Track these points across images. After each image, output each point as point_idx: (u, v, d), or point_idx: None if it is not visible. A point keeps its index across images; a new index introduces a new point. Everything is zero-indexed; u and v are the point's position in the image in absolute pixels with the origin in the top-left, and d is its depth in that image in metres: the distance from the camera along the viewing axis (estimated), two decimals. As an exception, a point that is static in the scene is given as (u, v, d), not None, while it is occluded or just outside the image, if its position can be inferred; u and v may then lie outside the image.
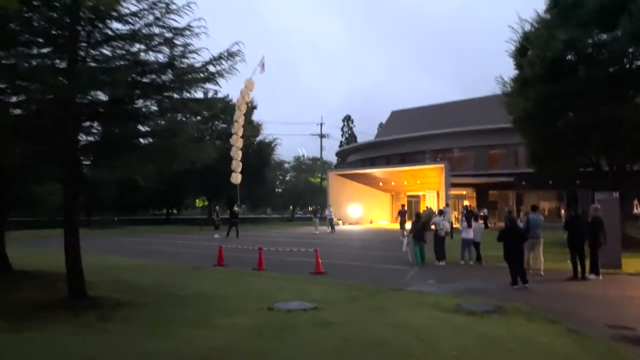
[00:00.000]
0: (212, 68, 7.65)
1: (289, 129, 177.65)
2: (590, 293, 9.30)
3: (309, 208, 56.55)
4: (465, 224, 13.90)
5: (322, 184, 53.61)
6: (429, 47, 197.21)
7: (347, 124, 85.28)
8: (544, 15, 18.10)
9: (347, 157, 58.70)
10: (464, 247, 13.64)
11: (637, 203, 17.38)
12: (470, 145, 39.57)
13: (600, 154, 18.33)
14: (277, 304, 7.95)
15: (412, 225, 14.31)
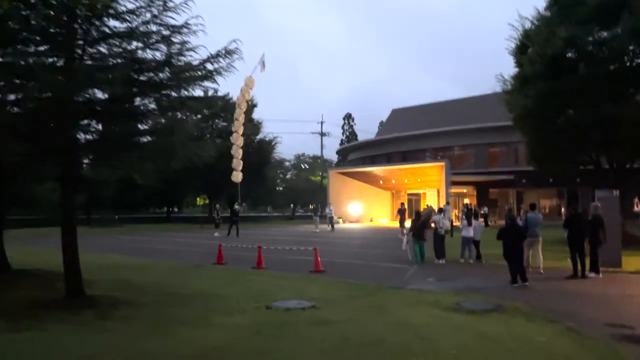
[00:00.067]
0: (209, 66, 7.62)
1: (289, 127, 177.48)
2: (590, 291, 9.28)
3: (310, 206, 56.53)
4: (466, 222, 13.90)
5: (322, 182, 53.61)
6: (429, 47, 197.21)
7: (347, 122, 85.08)
8: (544, 13, 18.07)
9: (347, 155, 58.64)
10: (464, 245, 13.63)
11: (637, 201, 17.29)
12: (471, 143, 39.53)
13: (601, 152, 18.29)
14: (275, 303, 7.94)
15: (411, 224, 14.30)
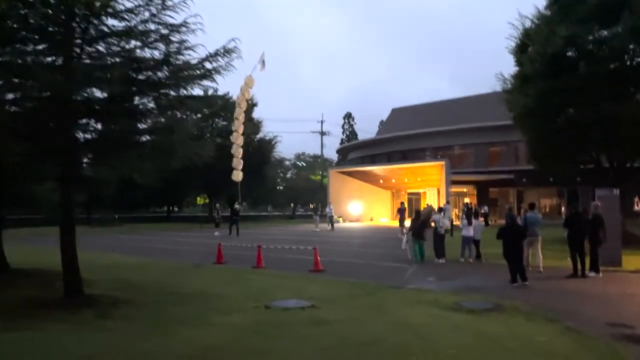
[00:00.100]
0: (208, 65, 7.59)
1: (289, 127, 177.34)
2: (590, 291, 9.26)
3: (310, 205, 56.51)
4: (466, 222, 13.88)
5: (322, 182, 53.59)
6: (429, 47, 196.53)
7: (347, 122, 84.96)
8: (544, 12, 18.05)
9: (347, 154, 58.58)
10: (464, 244, 13.62)
11: (637, 200, 17.31)
12: (471, 143, 39.49)
13: (601, 151, 18.26)
14: (274, 302, 7.93)
15: (411, 223, 14.28)
